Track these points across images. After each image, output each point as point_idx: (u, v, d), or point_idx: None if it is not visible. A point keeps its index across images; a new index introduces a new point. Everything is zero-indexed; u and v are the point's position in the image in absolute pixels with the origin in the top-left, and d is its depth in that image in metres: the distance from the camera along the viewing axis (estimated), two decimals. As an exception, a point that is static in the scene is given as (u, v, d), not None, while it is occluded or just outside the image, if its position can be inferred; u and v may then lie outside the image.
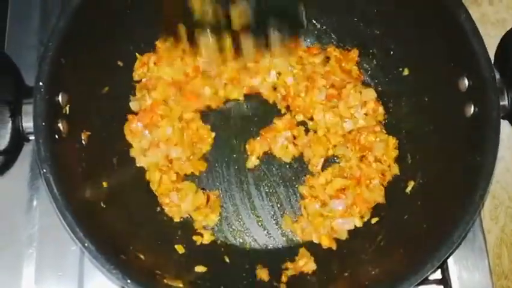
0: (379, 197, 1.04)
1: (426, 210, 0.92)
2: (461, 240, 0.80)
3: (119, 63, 1.03)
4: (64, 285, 1.01)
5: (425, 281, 1.02)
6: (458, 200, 0.82)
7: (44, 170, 0.80)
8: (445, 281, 1.04)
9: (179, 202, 1.03)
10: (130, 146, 1.06)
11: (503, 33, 1.33)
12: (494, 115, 0.84)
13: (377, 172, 1.05)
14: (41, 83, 0.83)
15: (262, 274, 0.98)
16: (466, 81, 0.89)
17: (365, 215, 1.03)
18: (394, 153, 1.06)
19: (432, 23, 0.93)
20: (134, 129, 1.05)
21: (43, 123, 0.82)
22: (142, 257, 0.88)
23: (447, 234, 0.80)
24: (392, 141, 1.07)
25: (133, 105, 1.07)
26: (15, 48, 1.16)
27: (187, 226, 1.04)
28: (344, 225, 1.02)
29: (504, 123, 0.93)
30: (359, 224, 1.02)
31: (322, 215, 1.03)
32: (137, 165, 1.05)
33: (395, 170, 1.05)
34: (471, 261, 1.05)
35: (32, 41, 1.17)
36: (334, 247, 1.01)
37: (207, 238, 1.03)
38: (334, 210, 1.03)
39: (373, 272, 0.89)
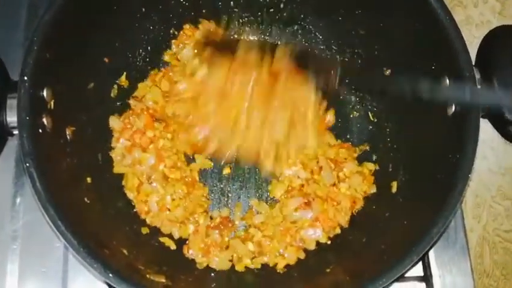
0: (343, 220, 1.03)
1: (407, 207, 0.94)
2: (440, 236, 0.81)
3: (106, 59, 1.03)
4: (47, 281, 1.01)
5: (407, 278, 1.04)
6: (438, 197, 0.83)
7: (27, 164, 0.80)
8: (427, 279, 1.05)
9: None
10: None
11: (487, 35, 1.36)
12: (473, 114, 0.85)
13: (349, 199, 1.04)
14: (25, 77, 0.83)
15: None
16: (447, 81, 0.91)
17: (329, 232, 1.02)
18: (370, 180, 1.06)
19: (415, 24, 0.94)
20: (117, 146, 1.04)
21: (27, 117, 0.82)
22: (125, 251, 0.88)
23: (426, 230, 0.81)
24: (368, 167, 1.07)
25: (113, 121, 1.05)
26: (2, 43, 1.16)
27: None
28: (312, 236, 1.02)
29: (488, 125, 0.94)
30: (323, 239, 1.02)
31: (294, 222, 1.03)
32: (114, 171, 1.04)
33: (373, 189, 1.05)
34: (453, 260, 1.06)
35: (19, 37, 1.17)
36: (302, 257, 1.01)
37: None
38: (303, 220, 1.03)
39: (354, 268, 0.90)
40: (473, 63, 0.90)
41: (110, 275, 0.76)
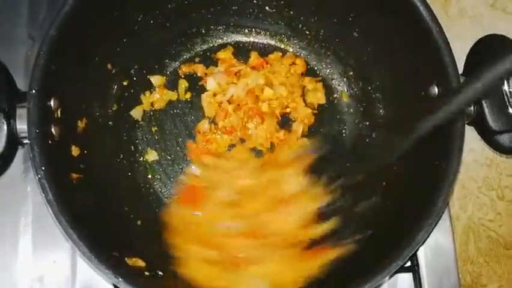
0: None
1: (394, 210, 0.98)
2: (424, 241, 0.86)
3: (109, 66, 1.06)
4: (57, 271, 1.08)
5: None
6: (422, 204, 0.88)
7: (39, 176, 0.84)
8: (413, 267, 1.10)
9: None
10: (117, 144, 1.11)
11: (480, 28, 1.39)
12: (459, 125, 0.89)
13: None
14: (33, 91, 0.86)
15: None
16: (436, 89, 0.94)
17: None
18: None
19: (405, 33, 0.97)
20: None
21: (37, 131, 0.85)
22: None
23: (411, 235, 0.85)
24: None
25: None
26: (3, 40, 1.19)
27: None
28: None
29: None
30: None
31: None
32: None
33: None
34: (439, 249, 1.11)
35: (20, 34, 1.20)
36: None
37: None
38: None
39: (340, 270, 0.94)
40: (461, 72, 0.94)
41: (120, 279, 0.82)
